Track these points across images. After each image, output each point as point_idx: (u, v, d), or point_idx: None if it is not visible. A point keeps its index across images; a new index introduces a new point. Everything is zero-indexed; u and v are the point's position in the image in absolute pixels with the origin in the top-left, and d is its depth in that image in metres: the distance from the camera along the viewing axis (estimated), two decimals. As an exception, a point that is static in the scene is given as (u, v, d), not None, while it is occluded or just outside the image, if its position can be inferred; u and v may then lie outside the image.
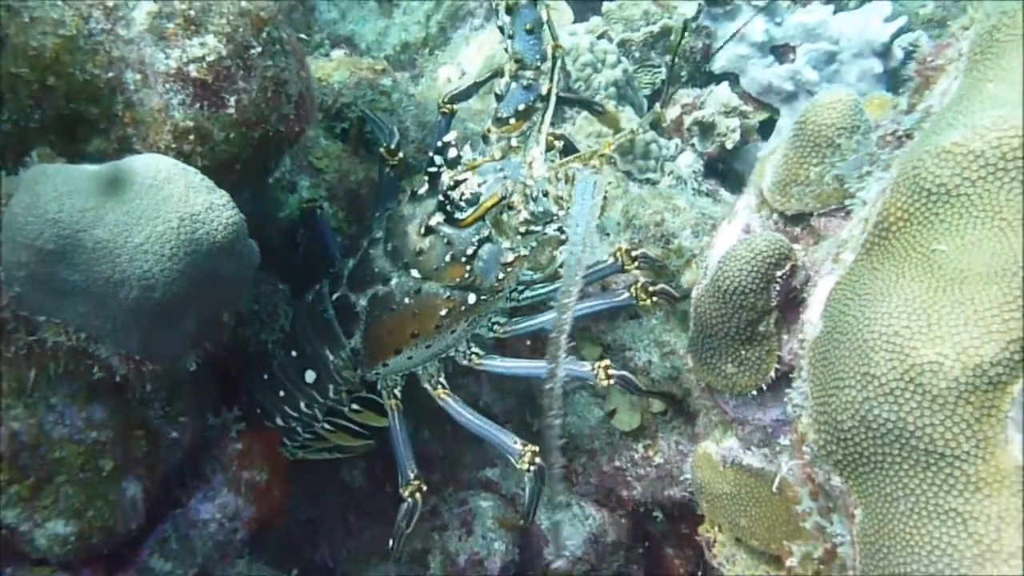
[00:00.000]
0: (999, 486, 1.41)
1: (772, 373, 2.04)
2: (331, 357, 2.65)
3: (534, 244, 2.44)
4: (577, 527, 3.16)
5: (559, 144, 2.54)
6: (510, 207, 2.33)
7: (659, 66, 3.69)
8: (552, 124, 2.46)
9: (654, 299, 2.48)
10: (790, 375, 1.93)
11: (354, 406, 2.80)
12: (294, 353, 2.70)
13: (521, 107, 2.34)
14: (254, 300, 2.65)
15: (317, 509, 3.32)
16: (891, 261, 1.58)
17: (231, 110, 1.95)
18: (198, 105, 1.91)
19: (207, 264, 1.83)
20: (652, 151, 3.30)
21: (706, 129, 3.50)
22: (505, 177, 2.34)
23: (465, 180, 2.31)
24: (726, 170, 3.70)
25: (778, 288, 1.96)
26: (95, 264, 1.72)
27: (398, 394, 2.74)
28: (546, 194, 2.27)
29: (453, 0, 4.65)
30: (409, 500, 2.63)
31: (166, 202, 1.75)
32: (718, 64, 3.66)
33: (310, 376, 2.69)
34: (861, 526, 1.58)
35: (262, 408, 2.82)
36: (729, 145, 3.48)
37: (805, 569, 1.93)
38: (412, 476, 2.63)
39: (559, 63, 2.39)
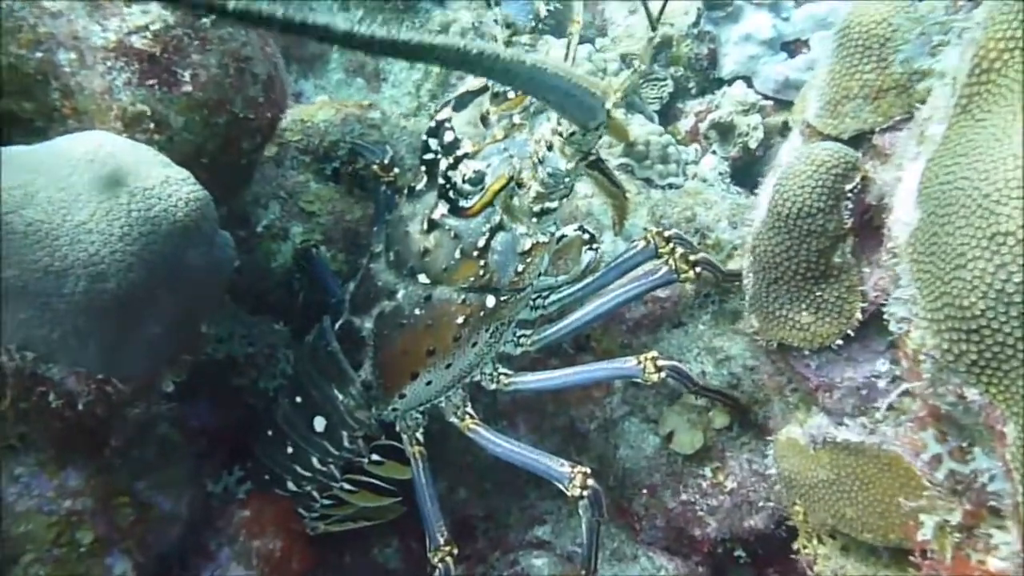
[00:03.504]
0: None
1: (858, 314, 1.68)
2: (340, 397, 2.31)
3: (553, 229, 2.14)
4: (649, 583, 2.70)
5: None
6: (519, 185, 2.04)
7: (664, 79, 3.47)
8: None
9: (697, 270, 2.16)
10: (882, 313, 1.58)
11: (374, 456, 2.43)
12: (299, 399, 2.37)
13: (520, 77, 2.08)
14: (248, 343, 2.36)
15: (348, 597, 2.90)
16: (1001, 103, 1.26)
17: (187, 87, 1.71)
18: (148, 83, 1.67)
19: (169, 249, 1.54)
20: (671, 154, 3.04)
21: (725, 131, 3.25)
22: (511, 156, 2.06)
23: (465, 157, 2.04)
24: (755, 178, 3.43)
25: (850, 206, 1.63)
26: (30, 252, 1.43)
27: (420, 438, 2.38)
28: (550, 147, 1.98)
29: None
30: (440, 567, 2.24)
31: (111, 177, 1.48)
32: (727, 69, 3.44)
33: (319, 424, 2.35)
34: (1018, 442, 1.20)
35: (270, 473, 2.46)
36: (753, 144, 3.21)
37: (942, 544, 1.51)
38: (442, 540, 2.25)
39: (576, 39, 2.14)
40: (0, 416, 1.68)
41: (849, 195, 1.63)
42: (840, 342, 1.71)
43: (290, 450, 2.41)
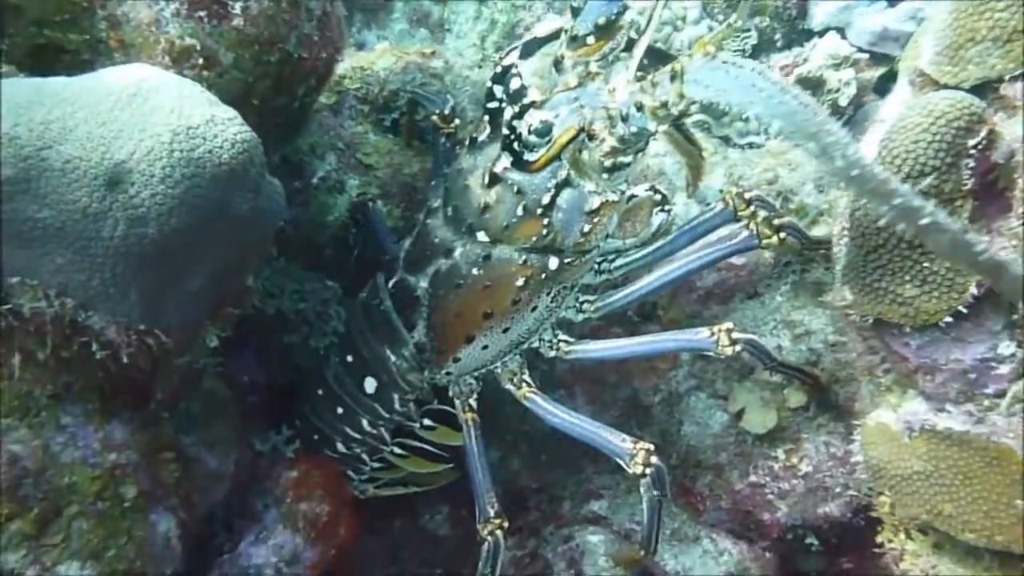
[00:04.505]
0: None
1: (973, 289, 1.49)
2: (392, 358, 2.21)
3: (623, 187, 1.98)
4: (709, 566, 2.56)
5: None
6: (590, 137, 1.88)
7: (748, 30, 3.24)
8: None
9: (781, 235, 1.98)
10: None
11: (426, 421, 2.33)
12: (350, 358, 2.28)
13: (602, 21, 1.90)
14: (299, 298, 2.26)
15: (396, 565, 2.82)
16: None
17: (238, 21, 1.58)
18: (197, 15, 1.56)
19: (214, 194, 1.43)
20: (752, 112, 2.83)
21: (813, 87, 3.00)
22: (582, 107, 1.90)
23: (531, 106, 1.88)
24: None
25: (971, 164, 1.44)
26: (67, 192, 1.34)
27: (474, 404, 2.27)
28: (640, 108, 1.80)
29: (509, 17, 4.36)
30: (489, 540, 2.15)
31: (154, 113, 1.37)
32: (817, 19, 3.19)
33: (370, 385, 2.26)
34: None
35: (320, 433, 2.38)
36: (843, 102, 2.96)
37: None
38: (492, 513, 2.15)
39: None
40: (43, 365, 1.61)
41: (971, 152, 1.43)
42: (949, 319, 1.53)
43: (340, 411, 2.32)
